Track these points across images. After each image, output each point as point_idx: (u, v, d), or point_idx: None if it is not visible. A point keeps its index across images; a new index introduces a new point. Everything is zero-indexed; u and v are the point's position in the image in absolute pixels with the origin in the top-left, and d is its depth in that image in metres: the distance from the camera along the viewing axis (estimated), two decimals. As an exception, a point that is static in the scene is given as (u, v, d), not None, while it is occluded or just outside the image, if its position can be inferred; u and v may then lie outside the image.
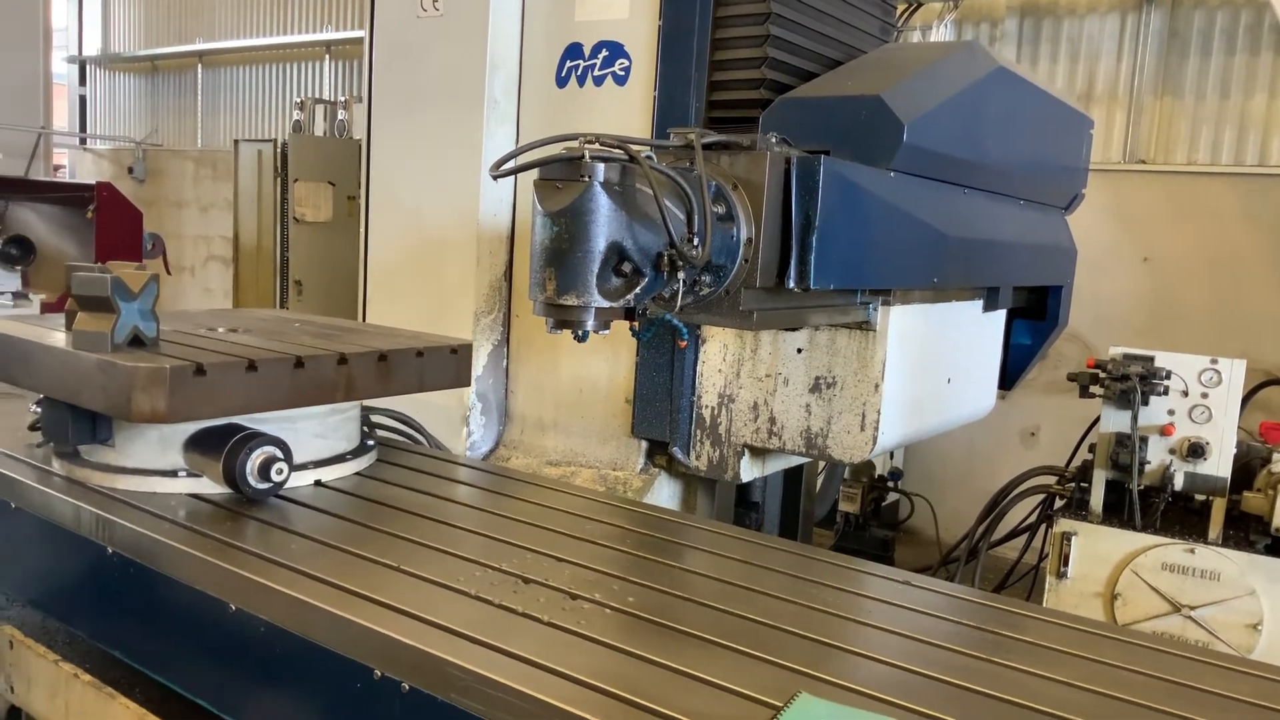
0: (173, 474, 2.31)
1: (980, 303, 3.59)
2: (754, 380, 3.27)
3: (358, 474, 2.59)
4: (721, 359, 3.31)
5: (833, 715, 1.45)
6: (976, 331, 3.67)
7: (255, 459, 2.23)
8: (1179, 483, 4.36)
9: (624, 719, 1.42)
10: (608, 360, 3.55)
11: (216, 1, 12.68)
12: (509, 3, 3.60)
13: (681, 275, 2.20)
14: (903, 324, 3.09)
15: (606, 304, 2.13)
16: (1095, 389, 4.45)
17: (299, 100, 10.24)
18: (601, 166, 2.06)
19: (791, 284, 2.49)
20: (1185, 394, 4.34)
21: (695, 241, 2.19)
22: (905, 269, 2.94)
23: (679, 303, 2.27)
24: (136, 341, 2.22)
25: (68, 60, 14.61)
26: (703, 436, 3.36)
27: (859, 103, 2.73)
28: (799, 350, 3.17)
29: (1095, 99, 7.05)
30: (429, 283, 3.80)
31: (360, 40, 4.10)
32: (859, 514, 7.02)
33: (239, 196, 10.14)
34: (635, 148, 2.13)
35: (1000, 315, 3.84)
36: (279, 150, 9.48)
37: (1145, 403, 4.31)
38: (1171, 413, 4.35)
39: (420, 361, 2.60)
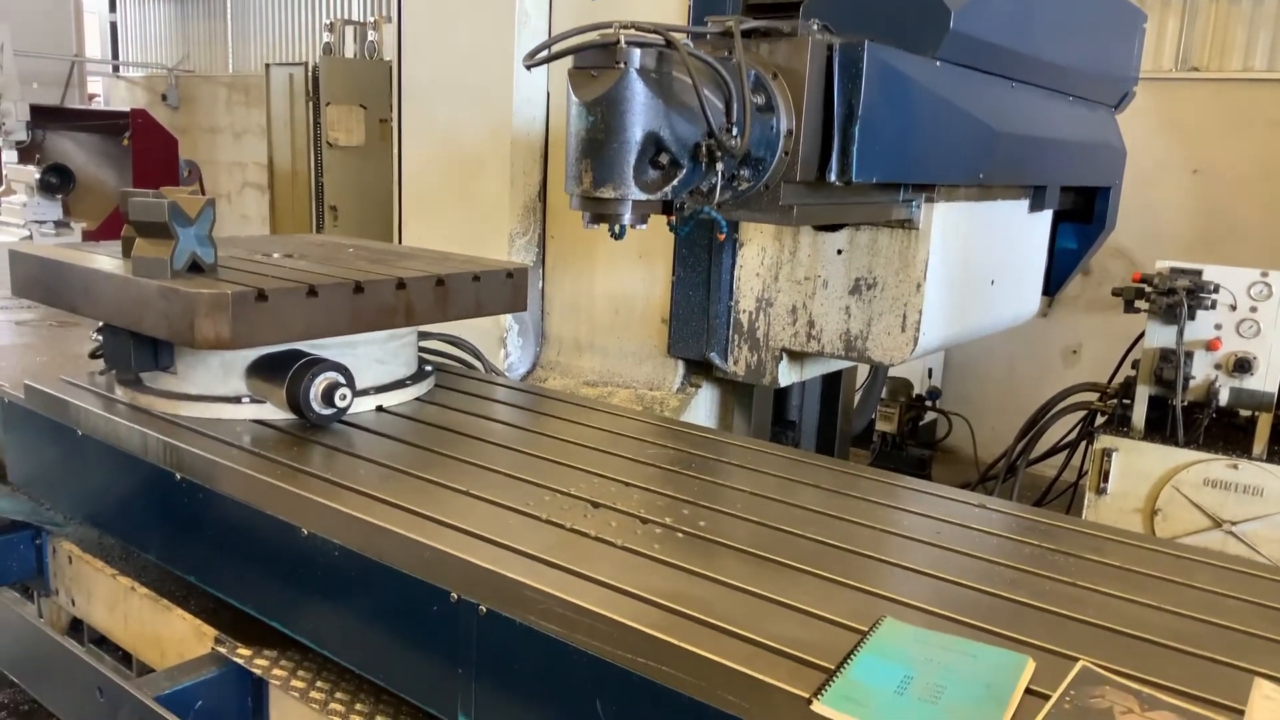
0: (236, 400, 2.31)
1: (1026, 202, 3.47)
2: (792, 283, 3.23)
3: (418, 399, 2.58)
4: (759, 262, 3.27)
5: (918, 639, 1.43)
6: (1022, 232, 3.57)
7: (319, 384, 2.22)
8: (1224, 398, 4.30)
9: (709, 643, 1.39)
10: (644, 280, 3.52)
11: (242, -78, 12.54)
12: (537, -93, 3.50)
13: (720, 167, 2.14)
14: (946, 223, 2.99)
15: (644, 196, 2.07)
16: (1140, 304, 4.38)
17: (328, 22, 10.15)
18: (637, 52, 1.98)
19: (833, 177, 2.40)
20: (1234, 308, 4.25)
21: (734, 131, 2.14)
22: (950, 164, 2.84)
23: (716, 197, 2.22)
24: (195, 268, 2.20)
25: (96, -14, 14.56)
26: (740, 341, 3.34)
27: (905, -13, 2.62)
28: (839, 251, 3.11)
29: (1147, 4, 6.78)
30: (464, 205, 3.77)
31: (388, -43, 4.01)
32: (896, 433, 7.02)
33: (272, 122, 10.12)
34: (673, 34, 2.06)
35: (1046, 216, 3.72)
36: (310, 74, 9.43)
37: (1192, 317, 4.23)
38: (1218, 327, 4.27)
39: (477, 286, 2.57)
